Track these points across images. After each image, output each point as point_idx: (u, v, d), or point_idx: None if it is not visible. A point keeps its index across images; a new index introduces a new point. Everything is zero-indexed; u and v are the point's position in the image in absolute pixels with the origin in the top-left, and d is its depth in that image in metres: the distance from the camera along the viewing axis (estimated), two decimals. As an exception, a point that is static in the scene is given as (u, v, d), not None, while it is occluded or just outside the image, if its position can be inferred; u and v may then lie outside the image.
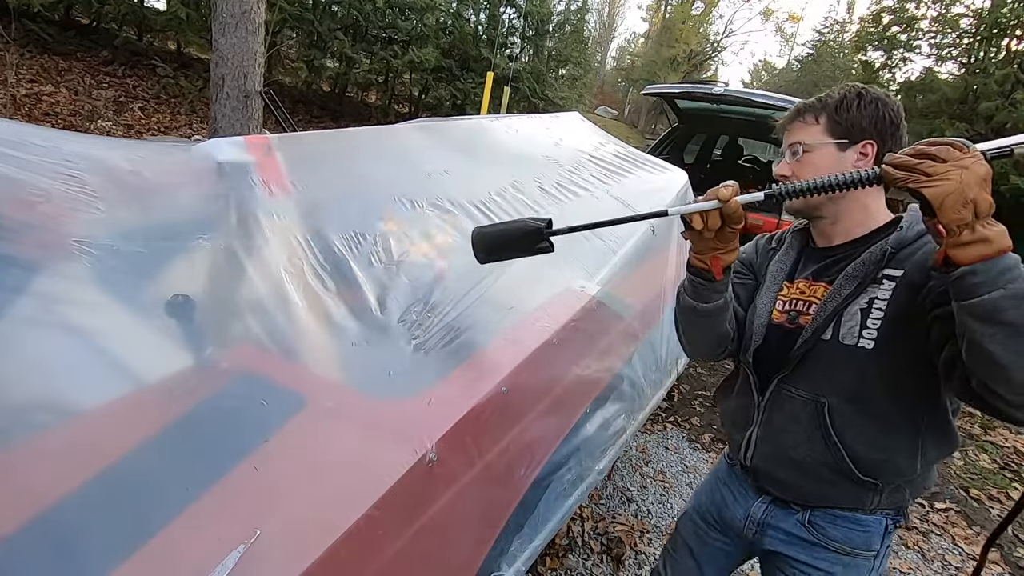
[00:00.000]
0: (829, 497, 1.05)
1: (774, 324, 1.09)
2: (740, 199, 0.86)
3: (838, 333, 0.99)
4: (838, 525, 1.05)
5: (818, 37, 22.88)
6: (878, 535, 1.05)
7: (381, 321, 1.21)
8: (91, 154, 1.24)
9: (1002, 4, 8.32)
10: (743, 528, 1.16)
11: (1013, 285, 0.71)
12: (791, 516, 1.10)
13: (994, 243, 0.72)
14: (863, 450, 0.98)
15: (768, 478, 1.11)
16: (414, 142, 1.99)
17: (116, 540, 0.73)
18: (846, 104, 1.01)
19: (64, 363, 0.91)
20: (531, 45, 11.47)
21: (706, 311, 1.04)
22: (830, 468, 1.01)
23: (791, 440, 1.04)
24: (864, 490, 1.01)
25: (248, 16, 4.15)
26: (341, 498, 0.84)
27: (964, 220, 0.72)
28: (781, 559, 1.12)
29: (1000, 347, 0.72)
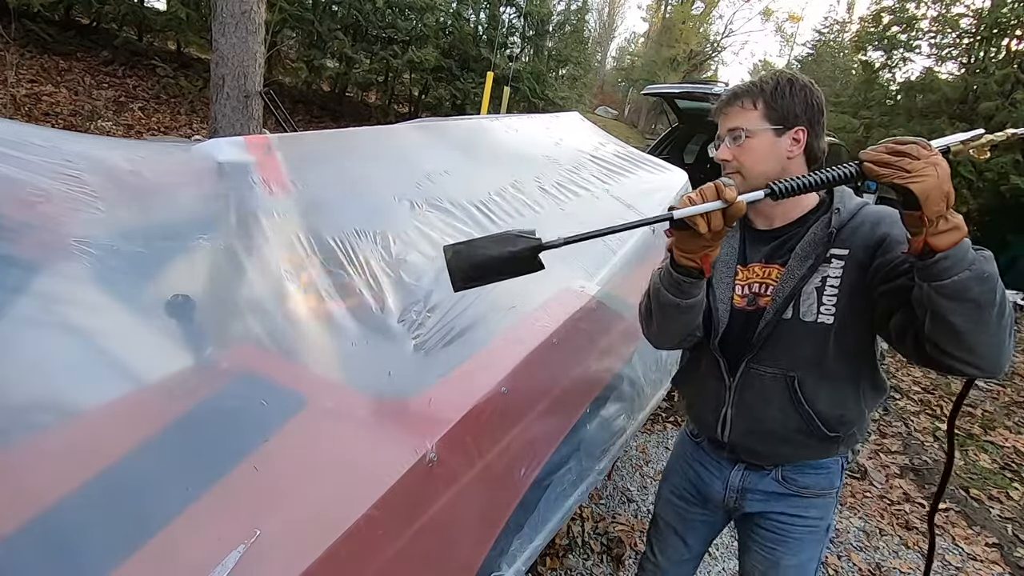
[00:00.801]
0: (801, 456, 1.17)
1: (736, 309, 1.14)
2: (745, 198, 0.87)
3: (798, 312, 1.07)
4: (806, 474, 1.18)
5: (818, 37, 22.91)
6: (837, 474, 1.20)
7: (381, 321, 1.21)
8: (91, 154, 1.24)
9: (1002, 4, 8.33)
10: (723, 498, 1.25)
11: (976, 266, 0.81)
12: (765, 476, 1.20)
13: (961, 229, 0.82)
14: (827, 411, 1.09)
15: (746, 451, 1.20)
16: (414, 142, 1.99)
17: (116, 540, 0.73)
18: (780, 90, 1.05)
19: (64, 363, 0.91)
20: (531, 45, 11.47)
21: (688, 306, 1.06)
22: (803, 432, 1.11)
23: (765, 414, 1.13)
24: (830, 443, 1.13)
25: (248, 16, 4.15)
26: (341, 498, 0.84)
27: (942, 211, 0.81)
28: (763, 517, 1.22)
29: (963, 319, 0.83)
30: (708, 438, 1.26)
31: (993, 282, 0.83)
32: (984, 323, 0.84)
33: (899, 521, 2.57)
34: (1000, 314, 0.84)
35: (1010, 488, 2.95)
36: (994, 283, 0.83)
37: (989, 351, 0.86)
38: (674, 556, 1.38)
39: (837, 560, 2.27)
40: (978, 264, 0.82)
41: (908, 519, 2.59)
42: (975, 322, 0.83)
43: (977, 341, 0.85)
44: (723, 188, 0.86)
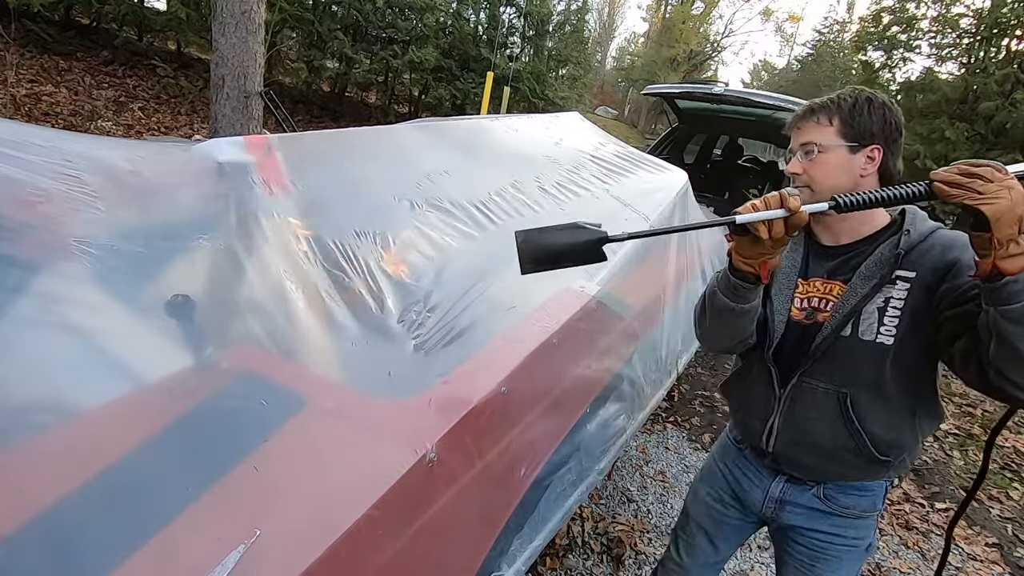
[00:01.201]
0: (846, 475, 1.14)
1: (793, 321, 1.14)
2: (808, 208, 0.87)
3: (857, 330, 1.06)
4: (849, 494, 1.16)
5: (818, 37, 22.91)
6: (881, 497, 1.17)
7: (381, 321, 1.21)
8: (91, 154, 1.24)
9: (1002, 4, 8.32)
10: (761, 507, 1.25)
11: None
12: (807, 491, 1.19)
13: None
14: (880, 433, 1.08)
15: (790, 462, 1.19)
16: (414, 142, 1.99)
17: (116, 540, 0.73)
18: (858, 108, 1.05)
19: (64, 363, 0.91)
20: (531, 45, 11.46)
21: (742, 311, 1.06)
22: (851, 452, 1.10)
23: (814, 428, 1.12)
24: (879, 466, 1.11)
25: (248, 16, 4.15)
26: (341, 498, 0.84)
27: (1013, 235, 0.80)
28: (800, 532, 1.22)
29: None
30: (752, 446, 1.25)
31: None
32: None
33: (899, 521, 2.57)
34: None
35: (1010, 488, 2.95)
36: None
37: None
38: (700, 558, 1.37)
39: (837, 560, 2.27)
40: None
41: (908, 519, 2.59)
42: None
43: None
44: (787, 197, 0.87)
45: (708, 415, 3.25)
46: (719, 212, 4.19)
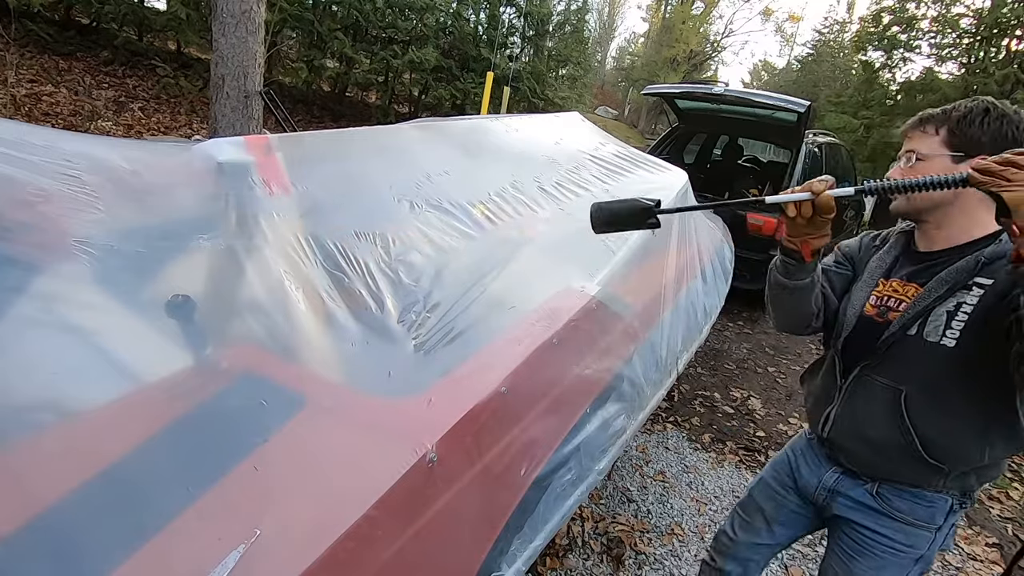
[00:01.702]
0: (897, 473, 1.14)
1: (865, 316, 1.18)
2: (832, 192, 0.94)
3: (923, 330, 1.07)
4: (904, 498, 1.15)
5: (818, 37, 22.87)
6: (942, 512, 1.14)
7: (381, 321, 1.21)
8: (91, 154, 1.24)
9: (1002, 4, 8.33)
10: (814, 493, 1.28)
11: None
12: (860, 486, 1.20)
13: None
14: (933, 436, 1.07)
15: (842, 450, 1.22)
16: (414, 142, 1.99)
17: (116, 540, 0.73)
18: (969, 119, 1.04)
19: (64, 363, 0.91)
20: (531, 45, 11.46)
21: (794, 288, 1.16)
22: (901, 450, 1.11)
23: (867, 420, 1.15)
24: (931, 472, 1.10)
25: (248, 16, 4.15)
26: (341, 498, 0.84)
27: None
28: (848, 524, 1.23)
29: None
30: (814, 433, 1.30)
31: None
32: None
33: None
34: None
35: (1010, 488, 2.95)
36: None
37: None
38: (753, 536, 1.41)
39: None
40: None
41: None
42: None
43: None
44: (814, 182, 0.94)
45: (708, 415, 3.25)
46: (719, 212, 4.19)
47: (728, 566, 1.46)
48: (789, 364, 4.20)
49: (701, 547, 2.19)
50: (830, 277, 1.27)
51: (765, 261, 4.90)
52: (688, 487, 2.56)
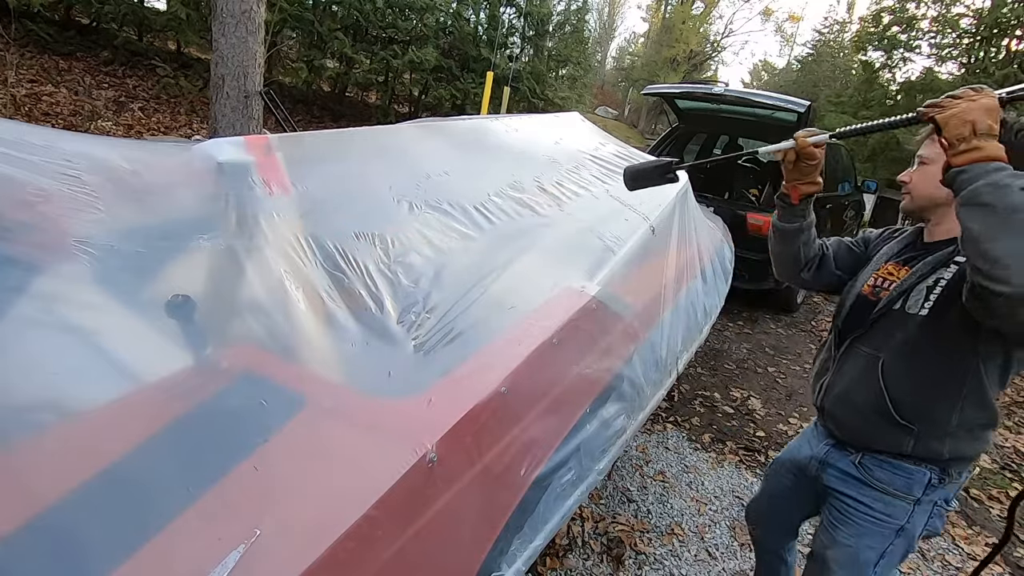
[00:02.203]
0: (875, 437, 1.24)
1: (862, 295, 1.31)
2: (811, 140, 1.18)
3: (905, 304, 1.20)
4: (884, 468, 1.24)
5: (818, 37, 22.86)
6: (919, 485, 1.21)
7: (381, 321, 1.21)
8: (91, 154, 1.24)
9: (1002, 4, 8.33)
10: (808, 464, 1.40)
11: (994, 176, 0.90)
12: (846, 457, 1.31)
13: (984, 151, 0.91)
14: (902, 397, 1.18)
15: (831, 417, 1.34)
16: (414, 142, 1.99)
17: (116, 540, 0.73)
18: None
19: (64, 363, 0.91)
20: (531, 45, 11.46)
21: (786, 230, 1.36)
22: (876, 411, 1.22)
23: (852, 387, 1.27)
24: (901, 432, 1.19)
25: (248, 16, 4.15)
26: (341, 498, 0.84)
27: (962, 135, 0.92)
28: (834, 495, 1.33)
29: (976, 223, 0.91)
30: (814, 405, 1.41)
31: (1010, 191, 0.87)
32: (999, 228, 0.88)
33: (899, 521, 2.57)
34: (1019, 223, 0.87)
35: (1010, 488, 2.95)
36: (1012, 192, 0.87)
37: (1008, 259, 0.87)
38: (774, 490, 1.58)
39: (837, 560, 2.27)
40: (998, 177, 0.89)
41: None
42: (989, 226, 0.89)
43: (992, 246, 0.89)
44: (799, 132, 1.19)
45: (708, 415, 3.25)
46: (719, 212, 4.19)
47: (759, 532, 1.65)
48: (789, 364, 4.20)
49: (701, 547, 2.19)
50: (841, 249, 1.43)
51: (765, 261, 4.92)
52: (688, 487, 2.56)
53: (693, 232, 2.53)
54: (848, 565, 1.28)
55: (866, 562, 1.26)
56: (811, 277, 1.42)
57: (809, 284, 1.44)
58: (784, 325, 5.06)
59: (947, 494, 1.24)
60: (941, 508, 1.25)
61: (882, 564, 1.26)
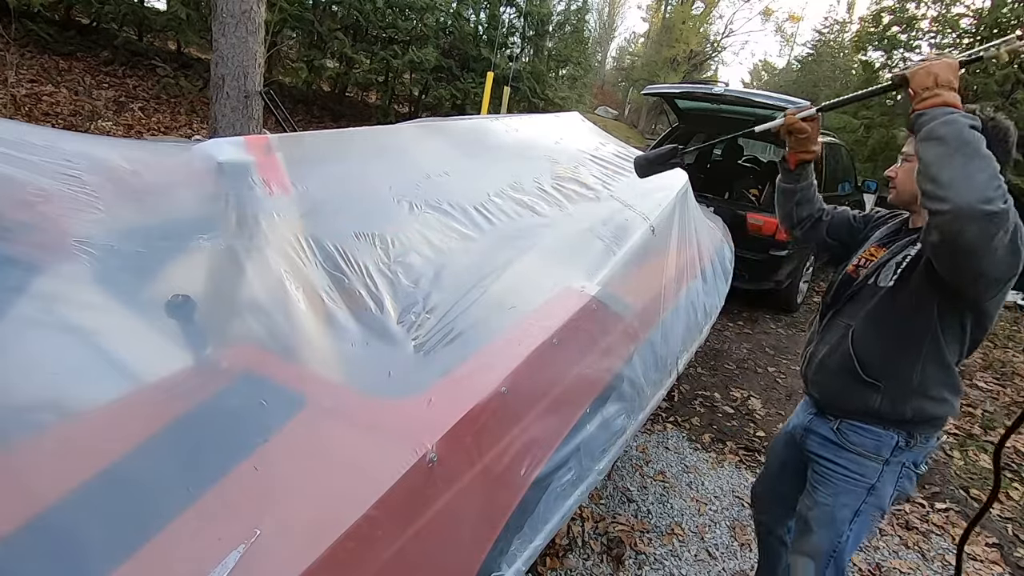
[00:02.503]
0: (846, 397, 1.37)
1: (847, 274, 1.45)
2: (799, 115, 1.39)
3: (878, 279, 1.34)
4: (858, 432, 1.37)
5: (818, 37, 22.83)
6: (888, 447, 1.34)
7: (381, 321, 1.21)
8: (91, 154, 1.24)
9: (1002, 4, 8.32)
10: (795, 434, 1.54)
11: (948, 116, 1.06)
12: (826, 424, 1.43)
13: (942, 97, 1.10)
14: (868, 358, 1.32)
15: (813, 384, 1.47)
16: (414, 142, 1.99)
17: (116, 540, 0.73)
18: None
19: (64, 363, 0.91)
20: (531, 45, 11.46)
21: (783, 190, 1.57)
22: (846, 371, 1.35)
23: (828, 352, 1.41)
24: (870, 390, 1.32)
25: (248, 16, 4.15)
26: (341, 498, 0.84)
27: (925, 85, 1.12)
28: (816, 460, 1.46)
29: (931, 154, 1.06)
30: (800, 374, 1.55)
31: (960, 127, 1.04)
32: (948, 156, 1.04)
33: (899, 521, 2.57)
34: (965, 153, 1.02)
35: (1010, 488, 2.95)
36: (961, 128, 1.04)
37: (953, 182, 1.02)
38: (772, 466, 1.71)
39: (837, 560, 2.27)
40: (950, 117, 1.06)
41: (908, 519, 2.59)
42: (940, 155, 1.05)
43: (940, 172, 1.04)
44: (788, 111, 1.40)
45: (708, 415, 3.25)
46: (719, 212, 4.19)
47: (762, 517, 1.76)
48: (789, 364, 4.20)
49: (701, 547, 2.19)
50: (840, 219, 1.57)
51: (765, 261, 4.92)
52: (688, 487, 2.56)
53: (693, 232, 2.53)
54: (826, 524, 1.40)
55: (842, 520, 1.38)
56: (801, 235, 1.60)
57: (799, 240, 1.62)
58: (784, 325, 5.06)
59: (914, 457, 1.36)
60: (909, 471, 1.37)
61: (857, 522, 1.38)
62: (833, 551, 1.40)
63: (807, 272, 5.37)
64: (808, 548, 1.43)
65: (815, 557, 1.42)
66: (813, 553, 1.42)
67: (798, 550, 1.47)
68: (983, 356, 4.75)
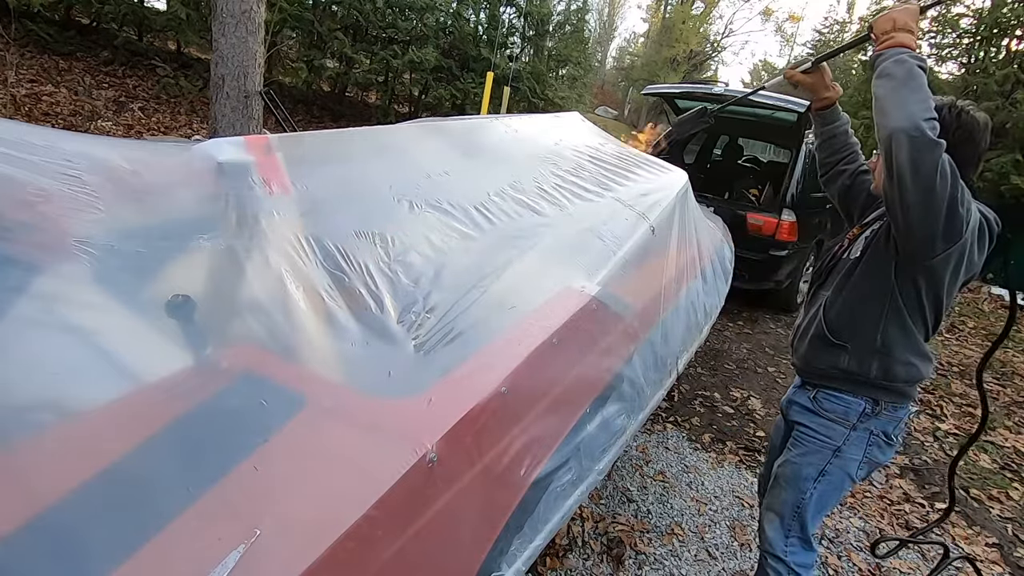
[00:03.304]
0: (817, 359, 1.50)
1: (835, 254, 1.58)
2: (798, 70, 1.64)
3: (850, 252, 1.49)
4: (830, 400, 1.49)
5: (818, 37, 22.82)
6: (855, 412, 1.46)
7: (381, 321, 1.21)
8: (91, 154, 1.24)
9: (1002, 4, 8.32)
10: (783, 406, 1.68)
11: (900, 56, 1.24)
12: (806, 394, 1.56)
13: (898, 39, 1.26)
14: (836, 322, 1.47)
15: (795, 352, 1.61)
16: (414, 142, 1.99)
17: (116, 540, 0.73)
18: None
19: (64, 363, 0.91)
20: (531, 45, 11.46)
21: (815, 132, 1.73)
22: (818, 338, 1.50)
23: (806, 322, 1.57)
24: (837, 350, 1.46)
25: (248, 16, 4.15)
26: (341, 498, 0.84)
27: (885, 29, 1.29)
28: (795, 427, 1.59)
29: (882, 89, 1.23)
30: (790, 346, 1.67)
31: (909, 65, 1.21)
32: (894, 91, 1.20)
33: (899, 521, 2.57)
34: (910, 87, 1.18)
35: (1010, 488, 2.95)
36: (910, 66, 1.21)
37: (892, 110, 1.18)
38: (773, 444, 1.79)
39: (837, 560, 2.27)
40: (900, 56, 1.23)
41: (908, 519, 2.59)
42: (887, 89, 1.21)
43: (886, 103, 1.20)
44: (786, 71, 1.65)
45: (708, 415, 3.25)
46: (719, 212, 4.19)
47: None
48: (789, 364, 4.20)
49: (701, 547, 2.19)
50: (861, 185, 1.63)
51: (765, 261, 4.93)
52: (688, 487, 2.56)
53: (693, 232, 2.52)
54: (792, 481, 1.53)
55: (807, 477, 1.50)
56: (823, 182, 1.73)
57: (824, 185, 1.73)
58: (784, 325, 5.06)
59: (883, 425, 1.45)
60: (878, 439, 1.46)
61: (821, 482, 1.49)
62: (797, 507, 1.52)
63: (807, 272, 5.37)
64: (775, 504, 1.57)
65: (780, 512, 1.55)
66: (778, 508, 1.55)
67: (766, 505, 1.61)
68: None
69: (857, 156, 1.65)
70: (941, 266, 1.29)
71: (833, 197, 1.72)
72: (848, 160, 1.65)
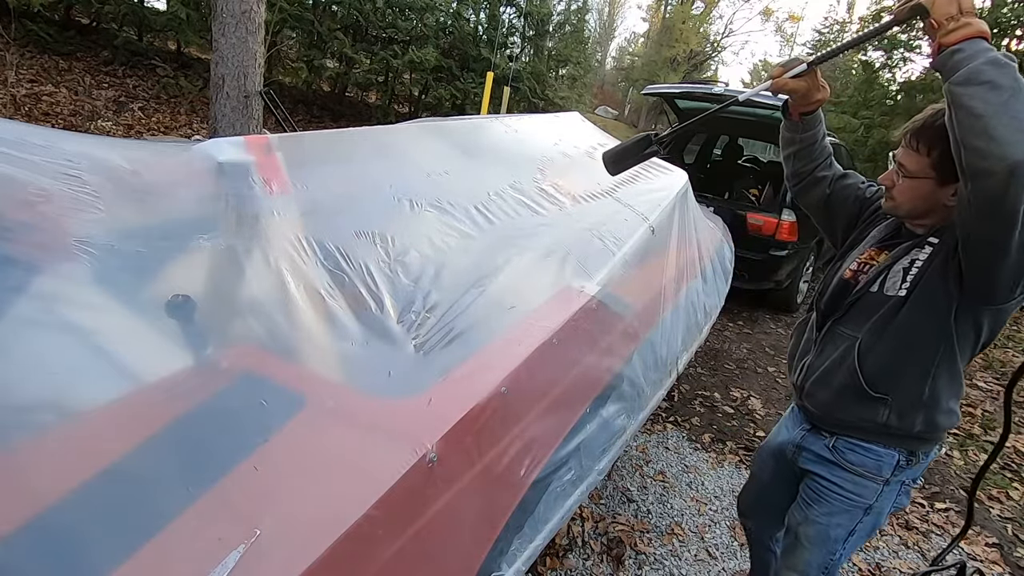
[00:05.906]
0: (849, 412, 1.27)
1: (843, 279, 1.33)
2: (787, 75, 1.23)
3: (883, 287, 1.22)
4: (855, 451, 1.28)
5: (818, 37, 22.82)
6: (888, 466, 1.26)
7: (381, 321, 1.21)
8: (91, 154, 1.24)
9: (1002, 4, 8.32)
10: (785, 449, 1.46)
11: (991, 55, 0.91)
12: (821, 441, 1.35)
13: (974, 26, 0.94)
14: (875, 372, 1.21)
15: (809, 396, 1.35)
16: (414, 142, 1.99)
17: (116, 540, 0.73)
18: None
19: (64, 363, 0.91)
20: (531, 45, 11.45)
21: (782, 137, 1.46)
22: (851, 389, 1.25)
23: (831, 367, 1.29)
24: (876, 405, 1.22)
25: (248, 16, 4.15)
26: (341, 498, 0.84)
27: (950, 14, 0.95)
28: (810, 476, 1.39)
29: (979, 101, 0.90)
30: (792, 384, 1.44)
31: (1010, 69, 0.90)
32: (1003, 105, 0.88)
33: (899, 521, 2.57)
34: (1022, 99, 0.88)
35: (1010, 488, 2.95)
36: (1012, 71, 0.90)
37: (1007, 134, 0.88)
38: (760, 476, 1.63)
39: (837, 560, 2.27)
40: (994, 55, 0.91)
41: (908, 519, 2.59)
42: (991, 103, 0.89)
43: (998, 124, 0.88)
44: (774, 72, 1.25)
45: (708, 415, 3.25)
46: (719, 212, 4.19)
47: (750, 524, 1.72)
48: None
49: (701, 547, 2.19)
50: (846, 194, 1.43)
51: (765, 261, 4.92)
52: (688, 487, 2.56)
53: (693, 232, 2.52)
54: (819, 542, 1.35)
55: (836, 539, 1.33)
56: (794, 192, 1.50)
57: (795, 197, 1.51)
58: (784, 325, 5.06)
59: (915, 474, 1.29)
60: (908, 487, 1.31)
61: (851, 540, 1.33)
62: (825, 568, 1.37)
63: (807, 272, 5.37)
64: (799, 564, 1.39)
65: (806, 573, 1.38)
66: (803, 569, 1.38)
67: (788, 565, 1.42)
68: (983, 356, 4.74)
69: (832, 161, 1.45)
70: (1015, 305, 1.11)
71: (809, 209, 1.50)
72: (825, 166, 1.43)
